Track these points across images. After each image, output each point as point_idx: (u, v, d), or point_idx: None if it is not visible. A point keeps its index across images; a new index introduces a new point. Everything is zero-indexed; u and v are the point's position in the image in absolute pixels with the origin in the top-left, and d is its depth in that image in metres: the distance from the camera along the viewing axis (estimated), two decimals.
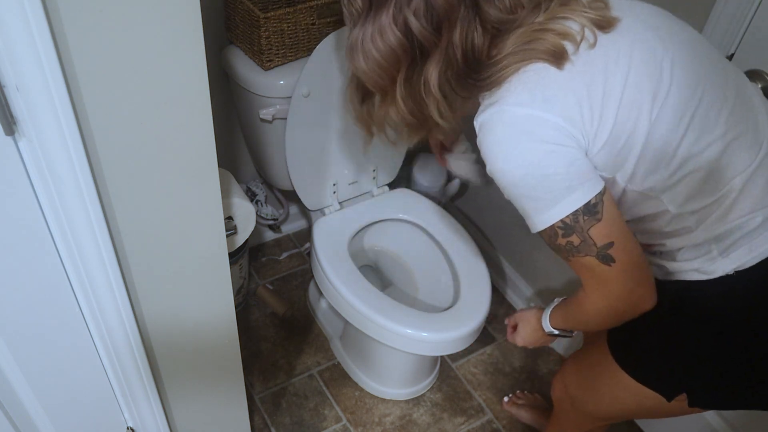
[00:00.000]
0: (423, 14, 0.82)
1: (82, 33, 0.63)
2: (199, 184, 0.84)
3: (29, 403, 0.89)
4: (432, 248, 1.68)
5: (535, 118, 0.82)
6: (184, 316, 0.98)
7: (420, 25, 0.82)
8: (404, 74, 0.88)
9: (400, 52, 0.85)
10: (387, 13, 0.83)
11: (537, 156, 0.82)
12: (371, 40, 0.85)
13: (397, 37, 0.84)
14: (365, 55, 0.87)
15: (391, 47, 0.85)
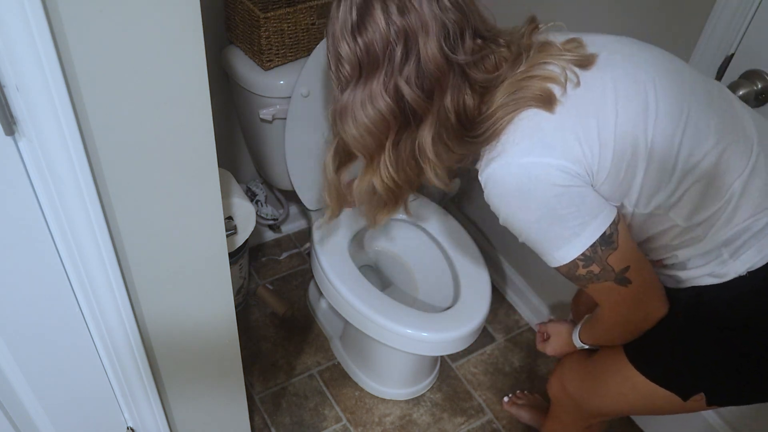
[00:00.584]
0: (414, 81, 0.83)
1: (82, 33, 0.63)
2: (199, 184, 0.84)
3: (29, 403, 0.89)
4: (432, 248, 1.68)
5: (539, 165, 0.84)
6: (184, 316, 0.98)
7: (412, 91, 0.84)
8: (393, 139, 0.89)
9: (391, 118, 0.86)
10: (378, 80, 0.84)
11: (548, 201, 0.84)
12: (361, 106, 0.86)
13: (388, 103, 0.85)
14: (355, 121, 0.88)
15: (382, 113, 0.86)
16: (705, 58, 1.21)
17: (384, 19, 0.81)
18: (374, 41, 0.82)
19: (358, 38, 0.83)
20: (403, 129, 0.88)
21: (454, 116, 0.86)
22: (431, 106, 0.85)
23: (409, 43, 0.82)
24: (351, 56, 0.85)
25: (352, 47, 0.84)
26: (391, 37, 0.82)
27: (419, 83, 0.83)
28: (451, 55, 0.83)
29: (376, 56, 0.83)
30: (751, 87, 1.14)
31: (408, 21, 0.81)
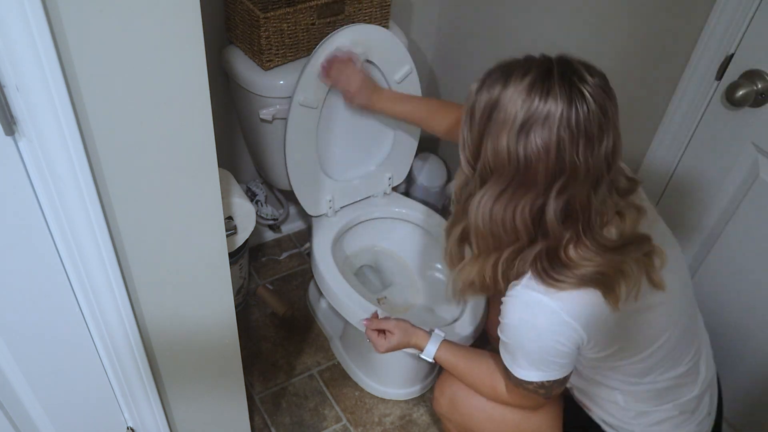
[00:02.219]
0: (559, 212, 0.87)
1: (82, 33, 0.63)
2: (199, 184, 0.84)
3: (29, 403, 0.89)
4: (432, 248, 1.68)
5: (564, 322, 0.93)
6: (184, 316, 0.98)
7: (555, 219, 0.87)
8: (511, 251, 0.93)
9: (523, 233, 0.90)
10: (528, 198, 0.87)
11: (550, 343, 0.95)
12: (503, 212, 0.88)
13: (526, 222, 0.88)
14: (491, 221, 0.90)
15: (518, 227, 0.89)
16: (705, 58, 1.21)
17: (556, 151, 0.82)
18: (538, 164, 0.84)
19: (521, 148, 0.84)
20: (527, 243, 0.91)
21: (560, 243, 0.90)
22: (558, 232, 0.89)
23: (569, 182, 0.85)
24: (506, 158, 0.85)
25: (512, 149, 0.84)
26: (556, 170, 0.84)
27: (561, 216, 0.87)
28: (593, 199, 0.87)
29: (533, 177, 0.85)
30: (751, 87, 1.14)
31: (578, 164, 0.83)
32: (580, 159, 0.83)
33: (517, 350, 0.99)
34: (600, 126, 0.83)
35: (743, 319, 1.33)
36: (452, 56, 1.92)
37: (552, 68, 0.85)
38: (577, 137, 0.82)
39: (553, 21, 1.53)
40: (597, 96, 0.82)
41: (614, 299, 0.92)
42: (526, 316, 0.94)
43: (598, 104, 0.82)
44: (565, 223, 0.88)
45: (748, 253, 1.28)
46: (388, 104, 1.43)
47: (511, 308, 0.96)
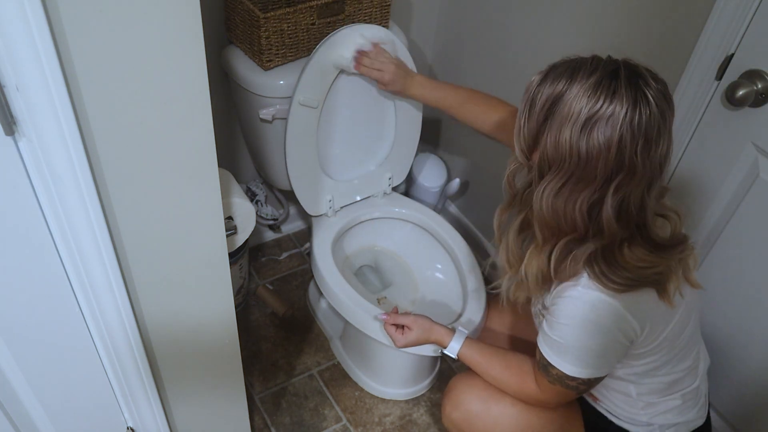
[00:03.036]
0: (615, 208, 0.91)
1: (82, 33, 0.63)
2: (199, 184, 0.84)
3: (29, 403, 0.89)
4: (432, 248, 1.68)
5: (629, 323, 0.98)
6: (184, 316, 0.98)
7: (610, 215, 0.91)
8: (567, 240, 0.96)
9: (580, 224, 0.94)
10: (588, 192, 0.90)
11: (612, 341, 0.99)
12: (564, 202, 0.92)
13: (584, 214, 0.92)
14: (552, 210, 0.94)
15: (575, 218, 0.93)
16: (705, 58, 1.21)
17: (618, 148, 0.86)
18: (598, 159, 0.87)
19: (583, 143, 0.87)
20: (582, 239, 0.95)
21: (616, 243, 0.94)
22: (613, 229, 0.92)
23: (627, 180, 0.89)
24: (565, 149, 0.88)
25: (573, 142, 0.87)
26: (615, 166, 0.87)
27: (617, 210, 0.91)
28: (647, 200, 0.92)
29: (593, 172, 0.88)
30: (751, 87, 1.14)
31: (636, 162, 0.87)
32: (638, 159, 0.87)
33: (572, 349, 1.00)
34: (659, 130, 0.87)
35: (743, 318, 1.33)
36: (452, 56, 1.92)
37: (619, 69, 0.88)
38: (637, 137, 0.86)
39: (553, 20, 1.53)
40: (659, 101, 0.87)
41: (667, 298, 0.97)
42: (591, 316, 0.97)
43: (659, 109, 0.86)
44: (620, 222, 0.92)
45: (748, 252, 1.28)
46: (419, 90, 1.44)
47: (573, 308, 0.98)
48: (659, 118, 0.86)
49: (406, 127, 1.64)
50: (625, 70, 0.88)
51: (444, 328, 1.26)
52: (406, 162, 1.72)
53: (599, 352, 1.00)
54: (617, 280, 0.94)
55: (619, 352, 1.02)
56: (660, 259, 0.95)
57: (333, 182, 1.62)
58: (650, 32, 1.32)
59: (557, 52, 1.59)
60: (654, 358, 1.06)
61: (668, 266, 0.97)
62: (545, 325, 1.04)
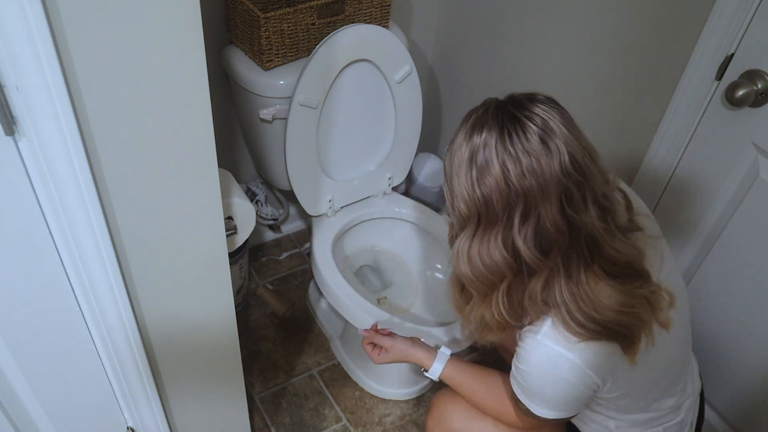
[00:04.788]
0: (532, 241, 0.85)
1: (82, 33, 0.63)
2: (199, 184, 0.84)
3: (29, 403, 0.89)
4: (432, 248, 1.68)
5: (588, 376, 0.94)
6: (184, 316, 0.98)
7: (528, 250, 0.86)
8: (507, 285, 0.92)
9: (506, 269, 0.89)
10: (496, 234, 0.87)
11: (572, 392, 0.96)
12: (478, 254, 0.89)
13: (504, 256, 0.88)
14: (471, 265, 0.91)
15: (498, 264, 0.89)
16: (705, 58, 1.21)
17: (503, 179, 0.83)
18: (492, 198, 0.85)
19: (476, 188, 0.85)
20: (517, 278, 0.91)
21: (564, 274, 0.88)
22: (546, 263, 0.87)
23: (529, 206, 0.84)
24: (468, 202, 0.87)
25: (470, 193, 0.86)
26: (510, 198, 0.84)
27: (537, 243, 0.85)
28: (574, 217, 0.84)
29: (494, 212, 0.86)
30: (751, 87, 1.14)
31: (528, 185, 0.82)
32: (528, 179, 0.82)
33: (536, 395, 0.99)
34: (543, 141, 0.82)
35: (743, 318, 1.33)
36: (452, 56, 1.92)
37: (489, 105, 0.87)
38: (518, 157, 0.82)
39: (553, 20, 1.53)
40: (534, 116, 0.83)
41: (632, 353, 0.93)
42: (548, 367, 0.95)
43: (534, 122, 0.83)
44: (548, 250, 0.86)
45: (748, 252, 1.28)
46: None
47: (532, 359, 0.96)
48: (537, 130, 0.82)
49: (406, 127, 1.64)
50: (495, 102, 0.87)
51: (425, 351, 1.21)
52: (406, 162, 1.72)
53: (563, 400, 0.98)
54: (583, 322, 0.89)
55: (583, 399, 0.99)
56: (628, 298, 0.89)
57: (333, 182, 1.62)
58: (650, 32, 1.32)
59: (557, 52, 1.60)
60: (627, 400, 1.04)
61: (638, 316, 0.91)
62: (514, 362, 1.01)
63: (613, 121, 1.45)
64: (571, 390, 0.96)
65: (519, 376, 1.00)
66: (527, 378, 0.98)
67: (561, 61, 1.54)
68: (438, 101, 2.05)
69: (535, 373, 0.97)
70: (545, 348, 0.93)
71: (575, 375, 0.93)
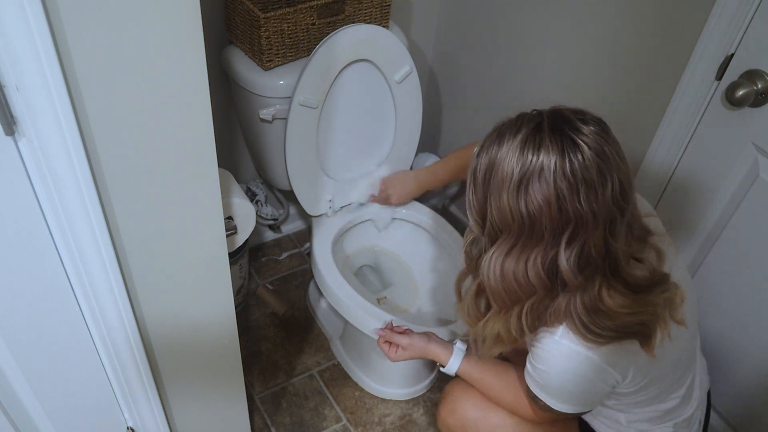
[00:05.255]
0: (574, 261, 0.85)
1: (82, 33, 0.63)
2: (199, 184, 0.84)
3: (29, 403, 0.89)
4: (432, 248, 1.68)
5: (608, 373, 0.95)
6: (184, 316, 0.98)
7: (569, 269, 0.86)
8: (533, 303, 0.92)
9: (539, 287, 0.89)
10: (537, 253, 0.87)
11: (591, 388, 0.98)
12: (513, 270, 0.89)
13: (540, 274, 0.88)
14: (504, 280, 0.90)
15: (532, 282, 0.89)
16: (705, 58, 1.21)
17: (556, 203, 0.83)
18: (541, 219, 0.84)
19: (523, 205, 0.84)
20: (547, 295, 0.91)
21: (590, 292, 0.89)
22: (580, 281, 0.88)
23: (578, 231, 0.84)
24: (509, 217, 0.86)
25: (513, 208, 0.85)
26: (561, 222, 0.84)
27: (577, 263, 0.86)
28: (611, 242, 0.86)
29: (540, 232, 0.85)
30: (751, 87, 1.14)
31: (582, 212, 0.83)
32: (584, 207, 0.82)
33: (554, 390, 1.00)
34: (600, 171, 0.82)
35: (743, 318, 1.33)
36: (452, 56, 1.92)
37: (542, 122, 0.85)
38: (576, 186, 0.82)
39: (553, 20, 1.53)
40: (592, 142, 0.83)
41: (650, 348, 0.93)
42: (568, 366, 0.95)
43: (593, 150, 0.82)
44: (585, 271, 0.87)
45: (749, 252, 1.28)
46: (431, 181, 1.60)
47: (551, 359, 0.96)
48: (596, 159, 0.82)
49: (406, 127, 1.64)
50: (548, 120, 0.85)
51: (441, 347, 1.23)
52: (406, 162, 1.72)
53: (581, 396, 1.00)
54: (597, 332, 0.90)
55: (603, 394, 1.01)
56: (642, 304, 0.91)
57: (333, 182, 1.62)
58: (650, 32, 1.32)
59: (557, 52, 1.60)
60: (642, 394, 1.05)
61: (653, 313, 0.92)
62: (529, 360, 1.02)
63: (613, 121, 1.44)
64: (592, 387, 0.97)
65: (537, 375, 1.00)
66: (546, 377, 0.99)
67: (561, 61, 1.54)
68: (438, 101, 2.05)
69: (554, 372, 0.97)
70: (563, 347, 0.94)
71: (595, 372, 0.94)
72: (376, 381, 1.68)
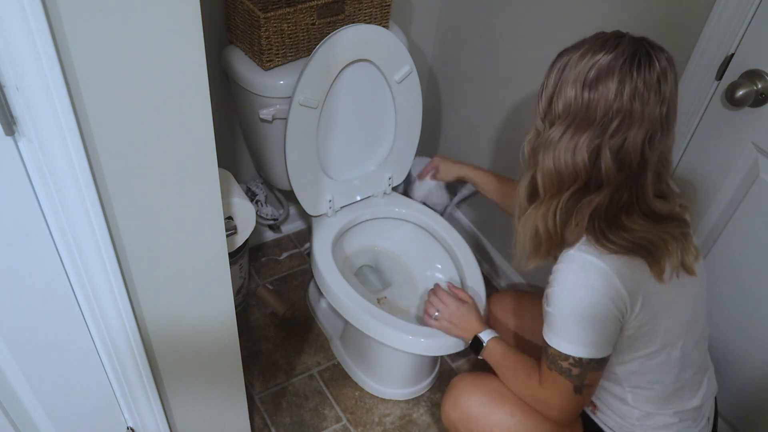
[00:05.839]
0: (615, 153, 0.95)
1: (82, 33, 0.63)
2: (199, 184, 0.84)
3: (29, 403, 0.89)
4: (432, 248, 1.68)
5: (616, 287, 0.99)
6: (184, 316, 0.98)
7: (610, 159, 0.95)
8: (571, 192, 1.00)
9: (582, 173, 0.98)
10: (586, 135, 0.96)
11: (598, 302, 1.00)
12: (564, 149, 0.98)
13: (584, 160, 0.96)
14: (555, 159, 0.99)
15: (577, 166, 0.97)
16: (705, 58, 1.21)
17: (615, 92, 0.92)
18: (598, 103, 0.94)
19: (585, 91, 0.94)
20: (582, 188, 0.99)
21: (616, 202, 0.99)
22: (614, 181, 0.97)
23: (624, 123, 0.93)
24: (571, 101, 0.96)
25: (577, 94, 0.95)
26: (613, 109, 0.93)
27: (617, 157, 0.95)
28: (648, 153, 0.96)
29: (593, 116, 0.94)
30: (751, 87, 1.14)
31: (633, 106, 0.92)
32: (636, 103, 0.92)
33: (560, 318, 1.03)
34: (659, 87, 0.93)
35: (744, 318, 1.33)
36: (452, 56, 1.92)
37: (625, 35, 0.96)
38: (635, 86, 0.91)
39: (553, 20, 1.53)
40: (663, 63, 0.94)
41: (659, 271, 1.00)
42: (579, 276, 1.01)
43: (662, 68, 0.93)
44: (620, 171, 0.96)
45: (749, 252, 1.28)
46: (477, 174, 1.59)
47: (565, 271, 1.02)
48: (661, 75, 0.93)
49: (406, 127, 1.64)
50: (631, 35, 0.96)
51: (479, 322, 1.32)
52: (406, 162, 1.72)
53: (591, 323, 1.01)
54: (613, 239, 0.98)
55: (607, 323, 1.01)
56: (657, 230, 0.99)
57: (333, 182, 1.62)
58: (650, 32, 1.31)
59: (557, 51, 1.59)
60: (648, 349, 1.06)
61: (665, 240, 0.99)
62: (545, 301, 1.06)
63: None
64: (599, 300, 0.99)
65: (550, 306, 1.04)
66: (557, 300, 1.02)
67: None
68: (438, 101, 2.05)
69: (565, 287, 1.02)
70: (577, 257, 1.01)
71: (605, 283, 0.99)
72: (376, 381, 1.68)
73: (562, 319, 1.02)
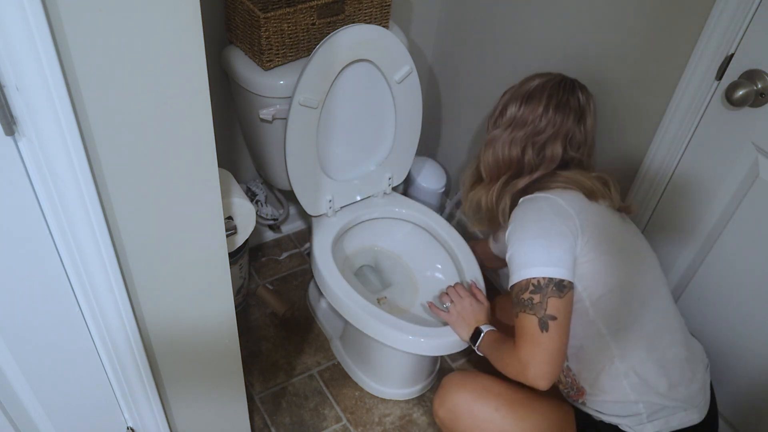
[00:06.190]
0: (537, 151, 1.24)
1: (82, 33, 0.63)
2: (199, 184, 0.84)
3: (29, 403, 0.89)
4: (432, 248, 1.68)
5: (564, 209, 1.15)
6: (184, 316, 0.98)
7: (533, 156, 1.24)
8: (505, 179, 1.27)
9: (515, 163, 1.26)
10: (520, 133, 1.24)
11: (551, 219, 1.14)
12: (502, 145, 1.26)
13: (517, 152, 1.25)
14: (494, 152, 1.28)
15: (511, 156, 1.26)
16: (705, 58, 1.21)
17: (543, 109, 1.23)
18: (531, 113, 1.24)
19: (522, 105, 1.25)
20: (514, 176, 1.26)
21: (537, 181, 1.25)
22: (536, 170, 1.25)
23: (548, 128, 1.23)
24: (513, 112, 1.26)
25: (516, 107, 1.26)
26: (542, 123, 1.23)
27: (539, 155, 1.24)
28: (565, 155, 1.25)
29: (525, 121, 1.24)
30: (751, 87, 1.14)
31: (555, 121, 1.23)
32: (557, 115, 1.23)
33: (517, 250, 1.14)
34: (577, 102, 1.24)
35: (743, 318, 1.33)
36: (452, 56, 1.92)
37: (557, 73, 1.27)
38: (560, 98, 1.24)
39: (553, 20, 1.53)
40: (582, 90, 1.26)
41: (593, 196, 1.19)
42: (528, 206, 1.18)
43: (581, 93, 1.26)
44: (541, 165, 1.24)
45: (748, 253, 1.28)
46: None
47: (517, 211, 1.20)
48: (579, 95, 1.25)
49: (406, 127, 1.64)
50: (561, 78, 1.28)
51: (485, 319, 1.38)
52: (406, 162, 1.72)
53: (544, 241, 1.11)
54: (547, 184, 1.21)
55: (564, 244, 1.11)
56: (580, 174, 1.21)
57: (333, 182, 1.62)
58: (650, 32, 1.32)
59: (557, 52, 1.59)
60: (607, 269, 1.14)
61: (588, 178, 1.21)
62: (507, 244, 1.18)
63: (614, 121, 1.45)
64: (552, 218, 1.13)
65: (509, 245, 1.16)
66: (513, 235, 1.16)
67: (561, 62, 1.54)
68: (438, 101, 2.05)
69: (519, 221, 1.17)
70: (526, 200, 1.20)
71: (552, 206, 1.15)
72: (376, 381, 1.68)
73: (518, 248, 1.13)
